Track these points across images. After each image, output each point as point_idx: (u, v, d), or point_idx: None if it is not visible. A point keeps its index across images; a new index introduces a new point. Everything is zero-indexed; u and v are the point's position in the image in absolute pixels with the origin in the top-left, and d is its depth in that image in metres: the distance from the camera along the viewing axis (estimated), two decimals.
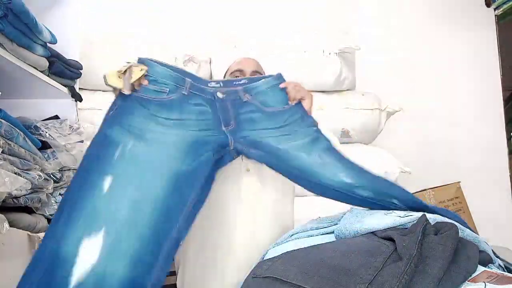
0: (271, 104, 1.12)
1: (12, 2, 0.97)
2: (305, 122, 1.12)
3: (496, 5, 2.70)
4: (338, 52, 2.04)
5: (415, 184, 2.20)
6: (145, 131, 0.98)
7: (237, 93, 1.11)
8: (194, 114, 1.05)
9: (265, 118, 1.10)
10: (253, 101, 1.11)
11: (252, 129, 1.10)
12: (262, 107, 1.11)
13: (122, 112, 0.98)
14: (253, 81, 1.14)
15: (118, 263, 0.83)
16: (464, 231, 0.77)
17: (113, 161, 0.92)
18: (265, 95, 1.12)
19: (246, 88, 1.12)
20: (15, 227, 1.02)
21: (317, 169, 1.05)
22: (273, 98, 1.13)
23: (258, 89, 1.13)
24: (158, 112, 1.01)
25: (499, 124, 2.67)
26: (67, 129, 1.32)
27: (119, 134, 0.95)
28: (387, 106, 2.12)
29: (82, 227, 0.84)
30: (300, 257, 0.73)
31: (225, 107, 1.09)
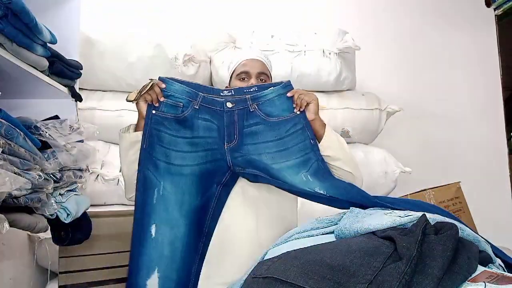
0: (276, 113, 1.22)
1: (12, 2, 0.96)
2: (304, 135, 1.22)
3: (496, 5, 2.71)
4: (338, 52, 2.04)
5: (415, 184, 2.21)
6: (171, 158, 1.19)
7: (246, 101, 1.22)
8: (202, 131, 1.21)
9: (267, 129, 1.22)
10: (259, 112, 1.22)
11: (253, 142, 1.21)
12: (266, 118, 1.22)
13: (151, 143, 1.18)
14: (262, 89, 1.23)
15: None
16: (464, 230, 0.77)
17: (154, 206, 1.17)
18: (271, 104, 1.22)
19: (255, 96, 1.22)
20: (15, 227, 1.02)
21: (300, 185, 1.17)
22: (279, 106, 1.23)
23: (266, 98, 1.23)
24: (177, 131, 1.20)
25: (499, 124, 2.67)
26: (67, 129, 1.31)
27: (153, 174, 1.17)
28: (387, 106, 2.13)
29: (145, 270, 1.15)
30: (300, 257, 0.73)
31: (231, 120, 1.21)
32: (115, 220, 1.72)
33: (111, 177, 1.81)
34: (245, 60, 1.39)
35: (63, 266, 1.57)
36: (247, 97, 1.21)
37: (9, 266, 1.56)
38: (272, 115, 1.22)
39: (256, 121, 1.21)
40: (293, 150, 1.20)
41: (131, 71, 1.88)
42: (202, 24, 2.32)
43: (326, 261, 0.69)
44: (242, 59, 1.40)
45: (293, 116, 1.22)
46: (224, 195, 1.21)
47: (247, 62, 1.38)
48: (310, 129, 1.22)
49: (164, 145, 1.19)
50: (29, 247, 1.70)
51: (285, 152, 1.20)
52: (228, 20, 2.33)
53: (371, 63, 2.43)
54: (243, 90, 1.23)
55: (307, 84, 2.08)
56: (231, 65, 1.44)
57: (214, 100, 1.21)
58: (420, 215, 0.78)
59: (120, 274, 1.62)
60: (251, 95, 1.22)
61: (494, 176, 2.61)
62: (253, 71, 1.35)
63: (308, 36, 2.10)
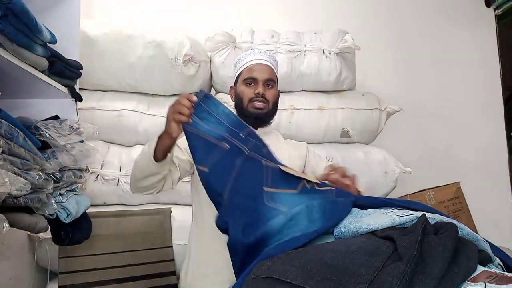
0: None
1: (12, 2, 0.96)
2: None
3: (496, 5, 2.71)
4: (338, 52, 2.04)
5: (415, 184, 2.21)
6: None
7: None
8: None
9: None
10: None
11: None
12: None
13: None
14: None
15: None
16: (463, 229, 0.77)
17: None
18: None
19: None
20: (15, 227, 1.02)
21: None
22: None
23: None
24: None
25: (499, 124, 2.67)
26: (67, 129, 1.31)
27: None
28: (387, 106, 2.12)
29: None
30: (300, 257, 0.73)
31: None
32: (115, 220, 1.72)
33: (111, 177, 1.81)
34: (252, 64, 1.37)
35: (63, 266, 1.57)
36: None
37: (9, 266, 1.56)
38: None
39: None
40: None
41: (131, 71, 1.88)
42: (202, 24, 2.33)
43: (326, 261, 0.69)
44: (249, 63, 1.37)
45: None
46: None
47: (254, 66, 1.36)
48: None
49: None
50: (29, 247, 1.70)
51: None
52: (228, 20, 2.33)
53: (371, 63, 2.43)
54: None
55: (307, 85, 2.09)
56: (237, 65, 1.43)
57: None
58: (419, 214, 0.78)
59: (120, 274, 1.63)
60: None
61: (494, 176, 2.61)
62: (260, 77, 1.34)
63: (308, 36, 2.11)
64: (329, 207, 0.94)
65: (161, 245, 1.73)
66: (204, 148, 1.08)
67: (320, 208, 0.93)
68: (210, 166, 1.07)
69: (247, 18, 2.39)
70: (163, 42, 1.85)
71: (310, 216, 0.92)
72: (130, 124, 1.88)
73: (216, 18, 2.40)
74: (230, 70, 1.73)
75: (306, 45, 2.06)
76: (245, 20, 2.33)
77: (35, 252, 1.68)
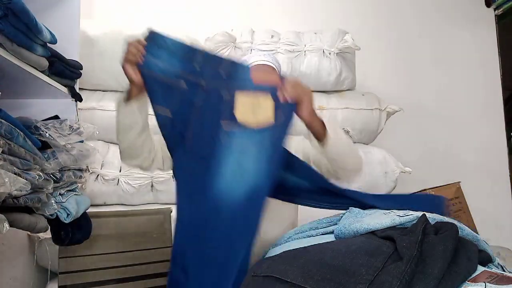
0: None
1: (12, 2, 0.96)
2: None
3: (496, 5, 2.71)
4: (338, 52, 2.04)
5: (415, 184, 2.21)
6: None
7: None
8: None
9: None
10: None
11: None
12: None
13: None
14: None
15: None
16: (463, 230, 0.77)
17: None
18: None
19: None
20: (15, 227, 1.02)
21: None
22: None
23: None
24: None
25: (499, 124, 2.67)
26: (67, 129, 1.31)
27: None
28: (387, 106, 2.12)
29: None
30: (300, 257, 0.73)
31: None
32: (115, 220, 1.72)
33: (111, 177, 1.81)
34: (255, 65, 1.36)
35: (63, 266, 1.57)
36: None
37: (9, 266, 1.56)
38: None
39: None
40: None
41: None
42: (202, 24, 2.32)
43: (326, 261, 0.69)
44: (253, 64, 1.36)
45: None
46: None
47: (257, 67, 1.35)
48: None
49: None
50: (29, 247, 1.70)
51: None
52: (228, 20, 2.33)
53: (371, 63, 2.43)
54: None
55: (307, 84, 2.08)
56: None
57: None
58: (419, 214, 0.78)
59: (120, 274, 1.62)
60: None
61: (494, 176, 2.61)
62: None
63: (308, 36, 2.11)
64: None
65: (161, 245, 1.73)
66: (163, 91, 1.10)
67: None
68: (171, 109, 1.11)
69: (247, 18, 2.39)
70: None
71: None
72: None
73: (216, 18, 2.40)
74: None
75: (306, 45, 2.06)
76: (245, 20, 2.33)
77: (35, 252, 1.68)
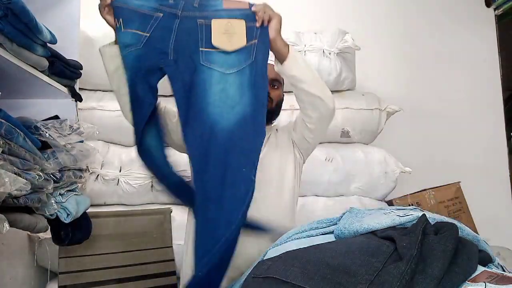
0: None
1: (12, 2, 0.96)
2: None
3: (496, 5, 2.71)
4: (338, 52, 2.04)
5: (415, 184, 2.21)
6: None
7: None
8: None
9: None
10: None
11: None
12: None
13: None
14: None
15: None
16: (463, 230, 0.77)
17: None
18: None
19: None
20: (15, 227, 1.02)
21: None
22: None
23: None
24: None
25: (499, 124, 2.67)
26: (67, 129, 1.31)
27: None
28: (387, 106, 2.12)
29: None
30: (301, 257, 0.73)
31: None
32: (115, 220, 1.72)
33: (111, 177, 1.81)
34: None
35: (63, 266, 1.57)
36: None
37: (9, 266, 1.56)
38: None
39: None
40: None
41: None
42: None
43: (326, 261, 0.69)
44: None
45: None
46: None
47: None
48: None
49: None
50: (29, 247, 1.70)
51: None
52: None
53: (371, 63, 2.43)
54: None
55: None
56: None
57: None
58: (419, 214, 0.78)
59: (120, 274, 1.63)
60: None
61: (494, 176, 2.61)
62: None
63: (308, 36, 2.10)
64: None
65: (161, 245, 1.73)
66: (140, 18, 1.14)
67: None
68: (150, 32, 1.13)
69: None
70: None
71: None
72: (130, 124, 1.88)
73: None
74: None
75: (306, 45, 2.06)
76: None
77: (35, 252, 1.68)
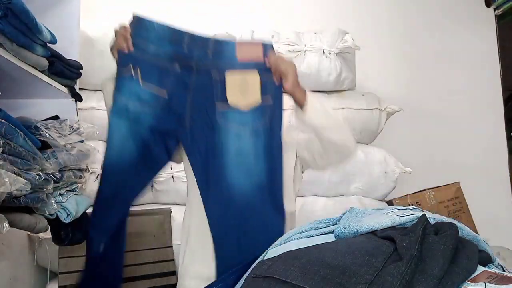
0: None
1: (12, 2, 0.96)
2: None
3: (496, 5, 2.71)
4: (338, 52, 2.04)
5: (415, 184, 2.21)
6: None
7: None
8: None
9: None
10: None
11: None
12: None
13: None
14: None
15: None
16: (463, 230, 0.77)
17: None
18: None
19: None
20: (15, 227, 1.02)
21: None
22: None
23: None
24: None
25: (499, 124, 2.67)
26: (67, 129, 1.31)
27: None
28: (387, 106, 2.12)
29: None
30: (300, 257, 0.73)
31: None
32: None
33: None
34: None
35: (63, 266, 1.57)
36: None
37: (9, 266, 1.56)
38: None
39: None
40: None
41: None
42: (202, 24, 2.32)
43: (326, 261, 0.69)
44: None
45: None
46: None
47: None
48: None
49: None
50: (29, 247, 1.70)
51: None
52: (228, 20, 2.33)
53: (371, 63, 2.43)
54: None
55: (307, 84, 2.07)
56: None
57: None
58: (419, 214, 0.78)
59: None
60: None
61: (494, 176, 2.61)
62: None
63: (308, 36, 2.10)
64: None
65: (161, 245, 1.73)
66: (157, 72, 1.14)
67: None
68: (168, 91, 1.14)
69: (247, 18, 2.39)
70: None
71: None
72: None
73: (216, 18, 2.40)
74: None
75: (306, 45, 2.06)
76: (245, 20, 2.33)
77: (35, 252, 1.68)
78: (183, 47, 1.14)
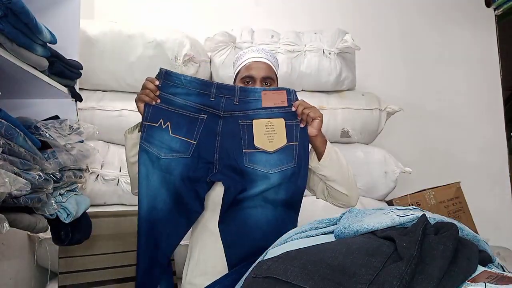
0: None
1: (12, 2, 0.96)
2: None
3: (496, 5, 2.71)
4: (338, 52, 2.04)
5: (415, 184, 2.21)
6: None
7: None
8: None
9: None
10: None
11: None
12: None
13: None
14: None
15: None
16: (463, 230, 0.77)
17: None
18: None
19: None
20: (15, 227, 1.02)
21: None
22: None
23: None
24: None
25: (499, 124, 2.67)
26: (67, 129, 1.31)
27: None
28: (387, 106, 2.12)
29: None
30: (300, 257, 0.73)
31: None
32: (115, 220, 1.72)
33: (111, 177, 1.81)
34: (250, 62, 1.36)
35: (63, 266, 1.57)
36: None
37: (9, 266, 1.56)
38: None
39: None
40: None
41: (131, 71, 1.88)
42: (202, 24, 2.32)
43: (326, 261, 0.69)
44: (247, 61, 1.36)
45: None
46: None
47: (251, 64, 1.35)
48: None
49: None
50: (29, 247, 1.70)
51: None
52: (228, 20, 2.33)
53: (371, 63, 2.43)
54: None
55: (307, 84, 2.09)
56: (236, 63, 1.43)
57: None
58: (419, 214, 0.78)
59: (120, 274, 1.62)
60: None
61: (494, 176, 2.61)
62: (257, 75, 1.33)
63: (308, 36, 2.11)
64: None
65: None
66: (186, 123, 1.19)
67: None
68: (197, 139, 1.18)
69: (247, 18, 2.39)
70: (163, 42, 1.85)
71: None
72: (130, 124, 1.86)
73: (216, 18, 2.40)
74: (230, 70, 1.73)
75: (306, 45, 2.06)
76: (245, 20, 2.33)
77: (35, 252, 1.68)
78: (210, 97, 1.20)
